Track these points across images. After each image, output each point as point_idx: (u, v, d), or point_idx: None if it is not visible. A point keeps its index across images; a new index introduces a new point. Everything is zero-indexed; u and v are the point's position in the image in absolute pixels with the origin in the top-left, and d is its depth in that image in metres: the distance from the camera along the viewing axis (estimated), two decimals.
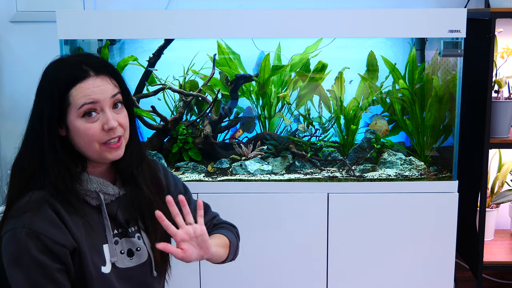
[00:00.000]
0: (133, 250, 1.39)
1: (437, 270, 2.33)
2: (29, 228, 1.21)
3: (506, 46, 2.45)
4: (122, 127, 1.32)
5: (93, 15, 2.26)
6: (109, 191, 1.35)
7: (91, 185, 1.32)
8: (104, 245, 1.34)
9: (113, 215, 1.36)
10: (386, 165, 2.42)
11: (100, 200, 1.34)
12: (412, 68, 2.44)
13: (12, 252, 1.22)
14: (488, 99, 2.24)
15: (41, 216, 1.24)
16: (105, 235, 1.34)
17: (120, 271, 1.36)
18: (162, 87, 2.47)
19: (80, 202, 1.31)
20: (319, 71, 2.46)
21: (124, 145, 1.33)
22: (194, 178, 2.36)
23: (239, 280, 2.35)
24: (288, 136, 2.45)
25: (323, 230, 2.31)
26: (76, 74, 1.27)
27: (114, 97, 1.30)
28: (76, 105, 1.26)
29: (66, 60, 1.32)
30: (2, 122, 2.73)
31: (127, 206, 1.39)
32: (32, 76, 2.90)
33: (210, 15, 2.22)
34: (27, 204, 1.25)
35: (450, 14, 2.19)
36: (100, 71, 1.29)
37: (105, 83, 1.29)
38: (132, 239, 1.39)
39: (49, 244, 1.22)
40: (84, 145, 1.29)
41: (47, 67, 1.32)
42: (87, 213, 1.32)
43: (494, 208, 2.58)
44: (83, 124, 1.27)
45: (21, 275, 1.21)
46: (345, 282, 2.35)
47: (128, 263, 1.37)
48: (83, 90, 1.26)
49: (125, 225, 1.39)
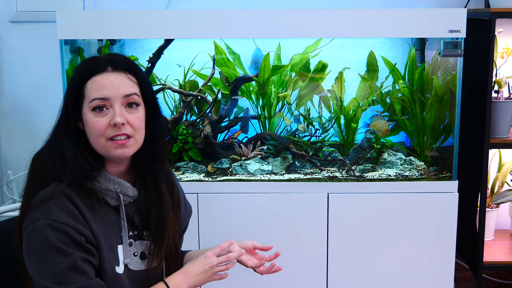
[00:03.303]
0: (146, 253, 1.39)
1: (437, 270, 2.33)
2: (50, 219, 1.21)
3: (506, 46, 2.45)
4: (132, 127, 1.30)
5: (93, 15, 2.26)
6: (128, 192, 1.35)
7: (112, 185, 1.32)
8: (119, 245, 1.34)
9: (130, 217, 1.36)
10: (386, 165, 2.42)
11: (120, 200, 1.34)
12: (412, 68, 2.44)
13: (35, 245, 1.22)
14: (488, 99, 2.24)
15: (62, 208, 1.23)
16: (120, 236, 1.34)
17: (132, 273, 1.36)
18: (162, 87, 2.47)
19: (99, 201, 1.31)
20: (319, 71, 2.46)
21: (134, 146, 1.31)
22: (194, 178, 2.36)
23: (239, 280, 2.35)
24: (288, 136, 2.45)
25: (323, 230, 2.31)
26: (93, 67, 1.29)
27: (128, 97, 1.29)
28: (88, 98, 1.28)
29: (93, 57, 1.34)
30: (2, 122, 2.73)
31: (145, 211, 1.39)
32: (32, 76, 2.92)
33: (210, 15, 2.21)
34: (47, 196, 1.25)
35: (450, 14, 2.19)
36: (118, 68, 1.30)
37: (121, 80, 1.29)
38: (146, 242, 1.39)
39: (72, 234, 1.22)
40: (94, 140, 1.29)
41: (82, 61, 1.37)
42: (106, 212, 1.32)
43: (494, 208, 2.58)
44: (92, 117, 1.27)
45: (46, 267, 1.21)
46: (345, 282, 2.35)
47: (140, 265, 1.38)
48: (96, 84, 1.27)
49: (141, 227, 1.39)
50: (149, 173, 1.37)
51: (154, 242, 1.38)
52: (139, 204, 1.37)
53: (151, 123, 1.35)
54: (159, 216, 1.38)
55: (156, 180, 1.38)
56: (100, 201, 1.32)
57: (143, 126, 1.33)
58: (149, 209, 1.38)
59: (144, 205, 1.38)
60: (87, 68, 1.29)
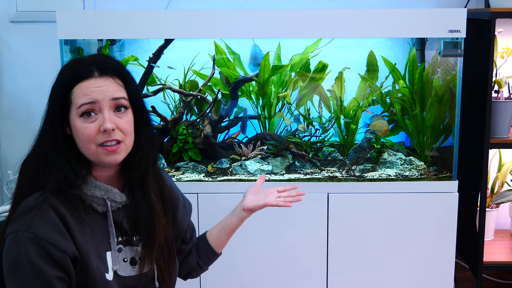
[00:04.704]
0: (136, 259, 1.37)
1: (437, 270, 2.33)
2: (31, 232, 1.19)
3: (506, 46, 2.45)
4: (122, 132, 1.28)
5: (93, 15, 2.26)
6: (116, 198, 1.33)
7: (98, 191, 1.30)
8: (108, 252, 1.32)
9: (119, 223, 1.34)
10: (386, 165, 2.42)
11: (107, 207, 1.32)
12: (412, 68, 2.44)
13: (12, 256, 1.20)
14: (488, 99, 2.24)
15: (44, 220, 1.21)
16: (109, 242, 1.32)
17: (122, 280, 1.34)
18: (162, 87, 2.47)
19: (86, 208, 1.29)
20: (320, 71, 2.46)
21: (124, 151, 1.29)
22: (194, 178, 2.36)
23: (239, 280, 2.35)
24: (288, 136, 2.45)
25: (323, 230, 2.31)
26: (79, 73, 1.26)
27: (116, 100, 1.27)
28: (76, 104, 1.25)
29: (77, 60, 1.32)
30: (2, 122, 2.73)
31: (134, 216, 1.37)
32: (32, 76, 2.91)
33: (210, 15, 2.21)
34: (31, 206, 1.23)
35: (450, 14, 2.19)
36: (105, 72, 1.27)
37: (108, 84, 1.27)
38: (136, 248, 1.37)
39: (50, 250, 1.20)
40: (83, 146, 1.26)
41: (64, 64, 1.33)
42: (93, 219, 1.30)
43: (494, 208, 2.58)
44: (81, 123, 1.25)
45: (18, 281, 1.19)
46: (345, 282, 2.35)
47: (130, 271, 1.36)
48: (83, 89, 1.25)
49: (130, 233, 1.37)
50: (137, 179, 1.35)
51: (145, 246, 1.36)
52: (128, 209, 1.35)
53: (139, 128, 1.33)
54: (148, 220, 1.36)
55: (144, 185, 1.36)
56: (87, 208, 1.30)
57: (133, 130, 1.31)
58: (137, 214, 1.36)
59: (133, 210, 1.36)
60: (73, 73, 1.27)
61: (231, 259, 2.26)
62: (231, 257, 1.69)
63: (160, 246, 1.38)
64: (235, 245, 1.73)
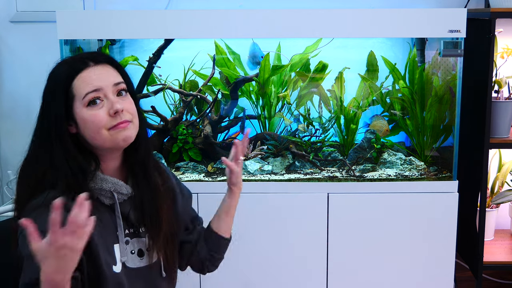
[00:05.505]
0: (143, 250, 1.39)
1: (437, 270, 2.33)
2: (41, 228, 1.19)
3: (506, 46, 2.45)
4: (130, 113, 1.31)
5: (93, 15, 2.26)
6: (122, 190, 1.35)
7: (106, 184, 1.32)
8: (115, 244, 1.34)
9: (126, 214, 1.37)
10: (386, 165, 2.42)
11: (114, 199, 1.34)
12: (413, 68, 2.44)
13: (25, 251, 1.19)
14: (488, 99, 2.24)
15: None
16: (116, 235, 1.34)
17: (130, 271, 1.36)
18: (162, 87, 2.47)
19: (94, 201, 1.30)
20: (320, 71, 2.46)
21: (134, 129, 1.32)
22: (194, 178, 2.36)
23: (239, 280, 2.35)
24: (288, 136, 2.45)
25: (323, 230, 2.31)
26: (75, 66, 1.29)
27: (118, 85, 1.30)
28: (80, 95, 1.27)
29: (68, 57, 1.34)
30: (2, 122, 2.73)
31: (139, 205, 1.39)
32: (32, 76, 2.91)
33: (210, 15, 2.21)
34: (40, 204, 1.24)
35: (450, 14, 2.19)
36: (99, 61, 1.31)
37: (106, 71, 1.30)
38: (143, 239, 1.39)
39: None
40: (94, 135, 1.28)
41: (51, 69, 1.33)
42: (101, 212, 1.32)
43: (494, 208, 2.58)
44: (88, 112, 1.27)
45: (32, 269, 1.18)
46: (345, 282, 2.35)
47: (138, 263, 1.38)
48: (84, 79, 1.27)
49: (137, 224, 1.39)
50: (139, 165, 1.38)
51: (151, 235, 1.38)
52: (134, 199, 1.38)
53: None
54: (153, 208, 1.38)
55: (146, 171, 1.38)
56: (94, 201, 1.31)
57: (136, 112, 1.34)
58: (143, 202, 1.38)
59: (138, 198, 1.38)
60: (70, 68, 1.29)
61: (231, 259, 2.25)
62: (231, 257, 1.68)
63: (166, 235, 1.40)
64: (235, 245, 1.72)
